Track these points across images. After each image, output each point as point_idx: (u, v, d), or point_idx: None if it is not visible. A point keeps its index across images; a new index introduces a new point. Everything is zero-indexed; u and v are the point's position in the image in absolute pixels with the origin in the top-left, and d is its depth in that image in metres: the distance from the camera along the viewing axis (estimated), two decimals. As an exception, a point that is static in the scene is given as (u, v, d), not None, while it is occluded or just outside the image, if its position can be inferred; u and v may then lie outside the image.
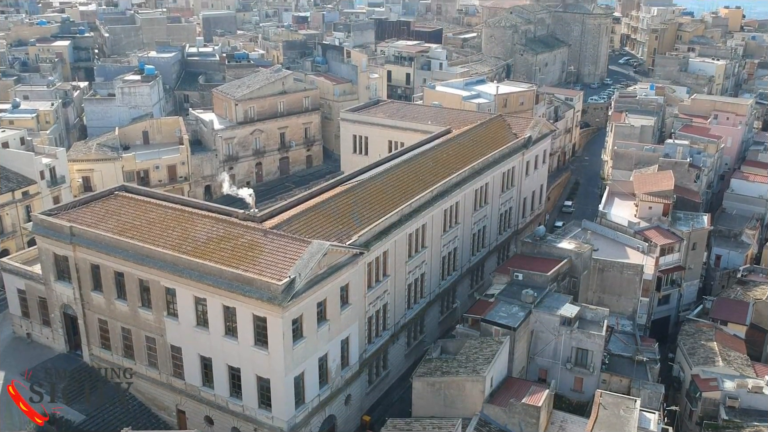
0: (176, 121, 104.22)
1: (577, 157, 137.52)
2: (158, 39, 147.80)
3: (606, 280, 73.88)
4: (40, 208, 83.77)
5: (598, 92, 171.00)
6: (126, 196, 64.62)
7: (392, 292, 64.51)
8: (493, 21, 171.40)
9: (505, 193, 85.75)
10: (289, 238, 53.89)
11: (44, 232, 61.45)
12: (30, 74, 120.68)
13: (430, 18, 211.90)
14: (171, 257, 53.89)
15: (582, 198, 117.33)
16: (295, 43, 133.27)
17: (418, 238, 68.07)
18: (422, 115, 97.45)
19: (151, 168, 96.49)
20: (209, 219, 58.13)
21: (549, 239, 75.59)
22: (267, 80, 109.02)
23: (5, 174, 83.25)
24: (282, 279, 49.19)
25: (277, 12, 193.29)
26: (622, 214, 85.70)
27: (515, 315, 63.17)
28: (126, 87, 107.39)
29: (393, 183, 68.88)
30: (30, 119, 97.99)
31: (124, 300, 58.93)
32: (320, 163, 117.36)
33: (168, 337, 57.19)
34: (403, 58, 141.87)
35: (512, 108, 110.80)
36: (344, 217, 60.51)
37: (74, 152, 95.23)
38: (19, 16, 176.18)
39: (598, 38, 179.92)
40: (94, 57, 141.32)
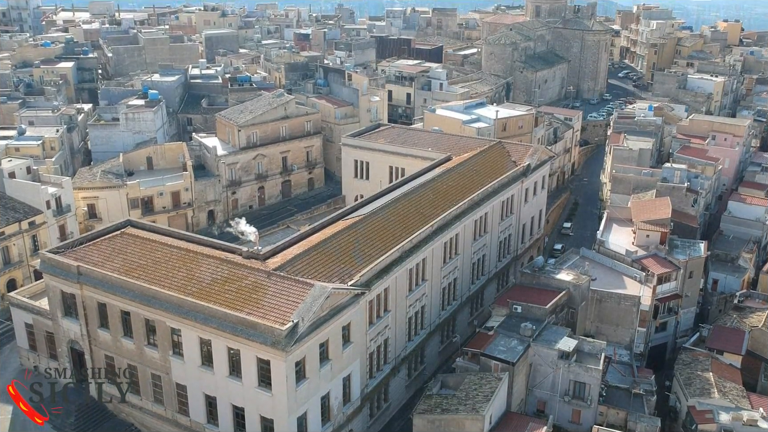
0: (180, 147, 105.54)
1: (576, 176, 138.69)
2: (161, 59, 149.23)
3: (604, 310, 75.09)
4: (46, 237, 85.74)
5: (597, 108, 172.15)
6: (132, 233, 65.78)
7: (393, 326, 65.72)
8: (493, 38, 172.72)
9: (504, 221, 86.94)
10: (293, 281, 55.10)
11: (52, 270, 62.75)
12: (35, 97, 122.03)
13: (430, 33, 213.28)
14: (176, 299, 55.14)
15: (581, 219, 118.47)
16: (297, 65, 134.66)
17: (418, 272, 69.30)
18: (422, 141, 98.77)
19: (155, 195, 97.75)
20: (214, 259, 59.36)
21: (547, 269, 76.80)
22: (269, 105, 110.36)
23: (12, 204, 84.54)
24: (285, 323, 50.43)
25: (279, 28, 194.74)
26: (619, 241, 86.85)
27: (514, 349, 64.38)
28: (130, 112, 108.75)
29: (394, 218, 70.06)
30: (36, 146, 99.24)
31: (131, 338, 60.22)
32: (322, 185, 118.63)
33: (173, 375, 58.44)
34: (404, 78, 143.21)
35: (512, 131, 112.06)
36: (346, 255, 61.70)
37: (79, 179, 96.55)
38: (24, 35, 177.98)
39: (598, 54, 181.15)
40: (97, 78, 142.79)
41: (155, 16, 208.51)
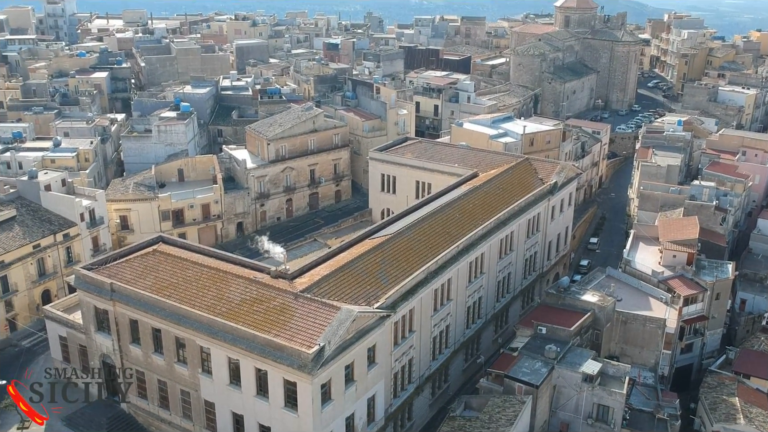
0: (210, 160, 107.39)
1: (603, 189, 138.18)
2: (193, 69, 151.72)
3: (629, 332, 75.14)
4: (79, 249, 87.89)
5: (626, 120, 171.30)
6: (164, 251, 67.27)
7: (417, 346, 66.44)
8: (522, 49, 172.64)
9: (530, 239, 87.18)
10: (319, 303, 56.07)
11: (86, 287, 64.46)
12: (70, 108, 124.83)
13: (459, 41, 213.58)
14: (206, 319, 56.41)
15: (608, 234, 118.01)
16: (325, 78, 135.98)
17: (443, 292, 69.95)
18: (449, 157, 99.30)
19: (186, 207, 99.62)
20: (243, 279, 60.57)
21: (573, 290, 76.91)
22: (298, 119, 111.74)
23: (47, 217, 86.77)
24: (312, 346, 51.40)
25: (308, 37, 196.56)
26: (646, 261, 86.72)
27: (538, 371, 64.78)
28: (162, 125, 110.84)
29: (420, 237, 70.74)
30: (71, 158, 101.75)
31: (161, 354, 61.67)
32: (349, 197, 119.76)
33: (202, 392, 59.73)
34: (432, 90, 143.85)
35: (539, 146, 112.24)
36: (372, 277, 62.55)
37: (112, 191, 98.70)
38: (59, 44, 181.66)
39: (627, 65, 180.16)
40: (130, 87, 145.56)
41: (187, 25, 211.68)
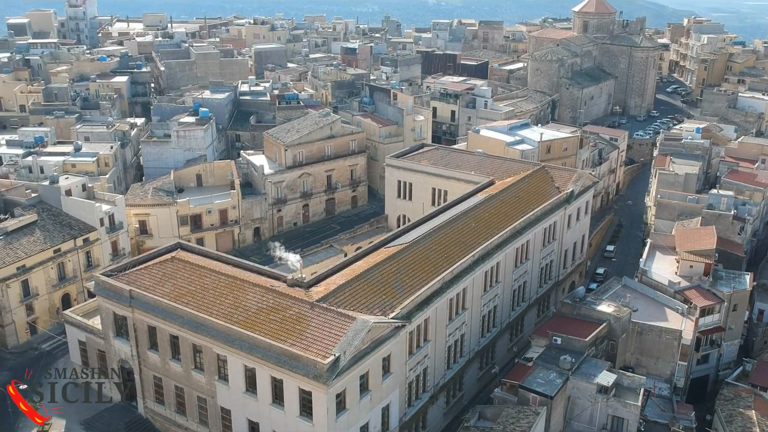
0: (228, 165, 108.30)
1: (621, 196, 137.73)
2: (212, 73, 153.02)
3: (644, 342, 75.02)
4: (99, 254, 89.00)
5: (644, 125, 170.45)
6: (182, 258, 68.05)
7: (432, 355, 66.76)
8: (539, 54, 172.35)
9: (546, 247, 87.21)
10: (335, 313, 56.53)
11: (105, 293, 65.41)
12: (90, 112, 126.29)
13: (476, 46, 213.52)
14: (223, 327, 57.06)
15: (624, 242, 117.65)
16: (343, 83, 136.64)
17: (458, 301, 70.22)
18: (466, 164, 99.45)
19: (204, 212, 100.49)
20: (259, 288, 61.19)
21: (588, 300, 76.90)
22: (315, 125, 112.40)
23: (68, 221, 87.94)
24: (327, 356, 51.88)
25: (326, 41, 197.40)
26: (662, 271, 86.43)
27: (553, 382, 64.90)
28: (181, 130, 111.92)
29: (435, 247, 71.03)
30: (91, 163, 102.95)
31: (178, 361, 62.43)
32: (365, 203, 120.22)
33: (219, 399, 60.41)
34: (449, 96, 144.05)
35: (556, 154, 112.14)
36: (387, 286, 62.94)
37: (131, 196, 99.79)
38: (81, 48, 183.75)
39: (646, 71, 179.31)
40: (150, 92, 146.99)
41: (206, 29, 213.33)
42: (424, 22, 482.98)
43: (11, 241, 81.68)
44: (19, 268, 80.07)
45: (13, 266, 79.44)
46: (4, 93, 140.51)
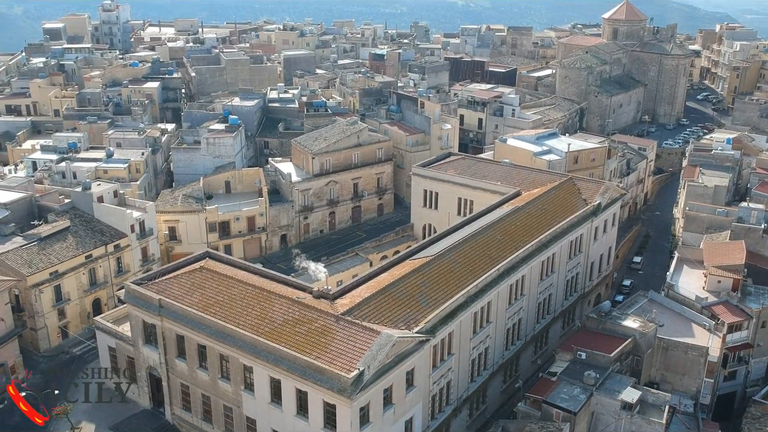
0: (256, 172, 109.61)
1: (648, 206, 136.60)
2: (241, 79, 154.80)
3: (670, 358, 74.57)
4: (129, 259, 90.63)
5: (673, 134, 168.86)
6: (210, 267, 69.14)
7: (456, 368, 67.02)
8: (568, 62, 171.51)
9: (572, 260, 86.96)
10: (360, 327, 57.16)
11: (135, 301, 66.76)
12: (122, 117, 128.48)
13: (505, 52, 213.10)
14: (249, 338, 58.00)
15: (651, 253, 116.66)
16: (371, 91, 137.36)
17: (483, 315, 70.39)
18: (492, 174, 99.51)
19: (232, 219, 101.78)
20: (285, 300, 62.03)
21: (614, 315, 76.63)
22: (343, 133, 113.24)
23: (99, 228, 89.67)
24: (351, 370, 52.52)
25: (355, 47, 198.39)
26: (690, 285, 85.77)
27: (576, 398, 64.83)
28: (211, 137, 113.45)
29: (460, 259, 71.32)
30: (122, 169, 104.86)
31: (206, 370, 63.52)
32: (391, 210, 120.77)
33: (244, 408, 61.37)
34: (476, 103, 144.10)
35: (583, 164, 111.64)
36: (412, 300, 63.40)
37: (161, 203, 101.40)
38: (114, 53, 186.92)
39: (676, 79, 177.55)
40: (181, 97, 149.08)
41: (236, 34, 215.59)
42: (452, 23, 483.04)
43: (45, 246, 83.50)
44: (52, 274, 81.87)
45: (47, 271, 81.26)
46: (39, 98, 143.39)
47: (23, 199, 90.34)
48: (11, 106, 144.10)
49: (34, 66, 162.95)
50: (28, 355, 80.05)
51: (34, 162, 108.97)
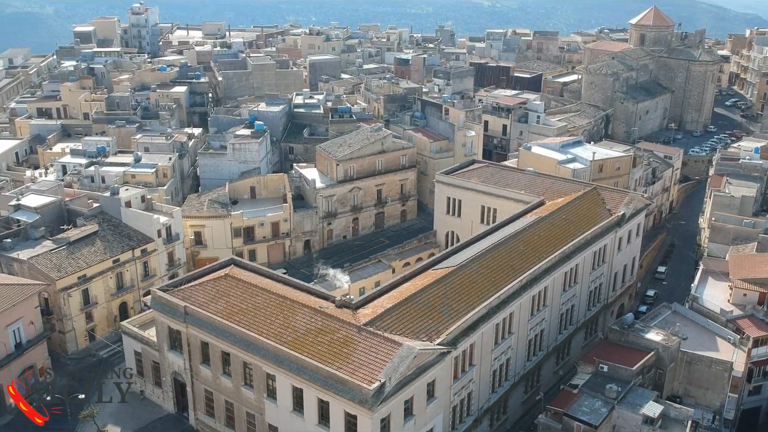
0: (281, 178, 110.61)
1: (674, 215, 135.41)
2: (268, 84, 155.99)
3: (693, 372, 74.11)
4: (156, 264, 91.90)
5: (700, 141, 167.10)
6: (235, 275, 70.05)
7: (477, 379, 67.24)
8: (594, 68, 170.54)
9: (595, 271, 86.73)
10: (381, 338, 57.65)
11: (161, 308, 67.88)
12: (150, 121, 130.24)
13: (530, 57, 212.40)
14: (273, 347, 58.76)
15: (676, 263, 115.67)
16: (395, 97, 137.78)
17: (505, 326, 70.57)
18: (516, 183, 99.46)
19: (257, 225, 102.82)
20: (308, 309, 62.72)
21: (637, 327, 76.29)
22: (367, 140, 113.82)
23: (127, 232, 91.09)
24: (373, 382, 53.03)
25: (380, 51, 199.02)
26: (715, 298, 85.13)
27: (598, 411, 64.78)
28: (237, 143, 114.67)
29: (483, 271, 71.50)
30: (150, 174, 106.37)
31: (229, 377, 64.46)
32: (414, 217, 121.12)
33: (266, 416, 62.16)
34: (501, 110, 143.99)
35: (608, 173, 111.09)
36: (434, 311, 63.76)
37: (188, 207, 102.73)
38: (142, 56, 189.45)
39: (704, 85, 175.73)
40: (208, 101, 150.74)
41: (263, 38, 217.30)
42: (478, 24, 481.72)
43: (74, 250, 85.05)
44: (81, 278, 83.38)
45: (75, 275, 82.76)
46: (69, 101, 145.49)
47: (53, 203, 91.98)
48: (42, 108, 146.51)
49: (64, 69, 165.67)
50: (56, 358, 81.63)
51: (64, 166, 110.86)
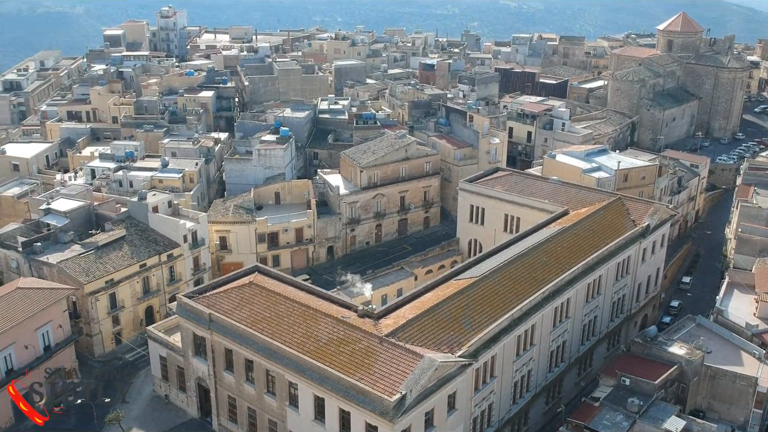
0: (305, 184, 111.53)
1: (699, 224, 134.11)
2: (293, 89, 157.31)
3: (717, 387, 73.72)
4: (181, 268, 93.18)
5: (728, 149, 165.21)
6: (259, 283, 70.90)
7: (498, 391, 67.41)
8: (620, 74, 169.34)
9: (619, 282, 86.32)
10: (403, 349, 58.06)
11: (186, 315, 68.97)
12: (177, 126, 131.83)
13: (556, 62, 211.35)
14: (295, 356, 59.47)
15: (701, 274, 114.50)
16: (420, 103, 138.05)
17: (526, 338, 70.61)
18: (540, 192, 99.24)
19: (281, 231, 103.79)
20: (331, 319, 63.33)
21: (660, 340, 75.96)
22: (391, 146, 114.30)
23: (153, 237, 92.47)
24: (394, 393, 53.49)
25: (405, 56, 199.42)
26: (740, 311, 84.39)
27: (619, 425, 64.67)
28: (262, 149, 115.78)
29: (505, 282, 71.58)
30: (177, 179, 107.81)
31: (252, 384, 65.29)
32: (437, 223, 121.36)
33: (288, 424, 62.88)
34: (526, 116, 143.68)
35: (633, 182, 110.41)
36: (456, 322, 64.02)
37: (213, 213, 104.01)
38: (171, 60, 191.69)
39: (732, 92, 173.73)
40: (234, 106, 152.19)
41: (289, 42, 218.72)
42: (505, 25, 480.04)
43: (101, 255, 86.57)
44: (108, 282, 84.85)
45: (103, 280, 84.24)
46: (98, 104, 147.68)
47: (82, 207, 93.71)
48: (72, 112, 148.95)
49: (94, 73, 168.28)
50: (83, 360, 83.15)
51: (92, 170, 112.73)
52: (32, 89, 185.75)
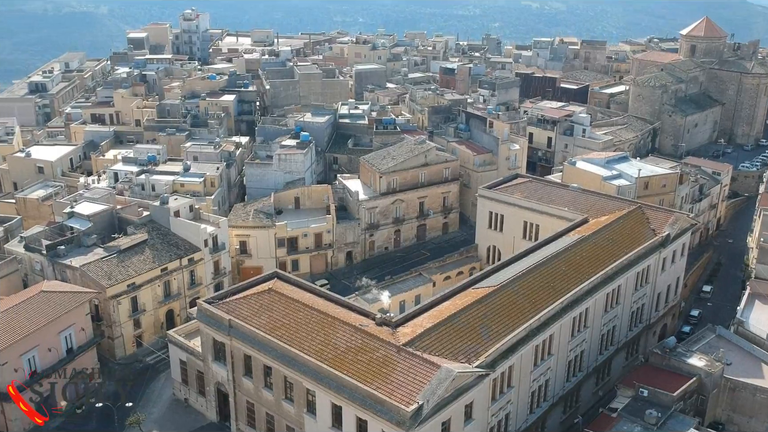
0: (325, 189, 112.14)
1: (721, 232, 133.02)
2: (314, 93, 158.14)
3: (737, 399, 73.29)
4: (202, 273, 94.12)
5: (751, 156, 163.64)
6: (278, 289, 71.53)
7: (515, 401, 67.48)
8: (642, 80, 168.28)
9: (638, 291, 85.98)
10: (420, 359, 58.37)
11: (206, 320, 69.77)
12: (199, 130, 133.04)
13: (577, 66, 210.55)
14: (313, 364, 59.99)
15: (722, 283, 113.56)
16: (440, 109, 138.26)
17: (544, 348, 70.62)
18: (559, 199, 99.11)
19: (300, 235, 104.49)
20: (349, 327, 63.79)
21: (679, 351, 75.63)
22: (410, 152, 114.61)
23: (175, 241, 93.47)
24: (411, 403, 53.81)
25: (426, 60, 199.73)
26: (761, 322, 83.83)
27: (636, 437, 64.46)
28: (283, 153, 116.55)
29: (524, 291, 71.64)
30: (198, 183, 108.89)
31: (270, 390, 65.92)
32: (456, 229, 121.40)
33: (306, 430, 63.38)
34: (546, 122, 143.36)
35: (654, 190, 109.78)
36: (473, 332, 64.19)
37: (234, 217, 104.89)
38: (193, 63, 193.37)
39: (756, 98, 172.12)
40: (255, 110, 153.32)
41: (311, 46, 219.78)
42: (526, 26, 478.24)
43: (123, 259, 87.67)
44: (130, 285, 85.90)
45: (125, 283, 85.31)
46: (122, 107, 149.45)
47: (105, 211, 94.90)
48: (96, 114, 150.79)
49: (118, 76, 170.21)
50: (105, 363, 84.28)
51: (115, 173, 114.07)
52: (57, 91, 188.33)
